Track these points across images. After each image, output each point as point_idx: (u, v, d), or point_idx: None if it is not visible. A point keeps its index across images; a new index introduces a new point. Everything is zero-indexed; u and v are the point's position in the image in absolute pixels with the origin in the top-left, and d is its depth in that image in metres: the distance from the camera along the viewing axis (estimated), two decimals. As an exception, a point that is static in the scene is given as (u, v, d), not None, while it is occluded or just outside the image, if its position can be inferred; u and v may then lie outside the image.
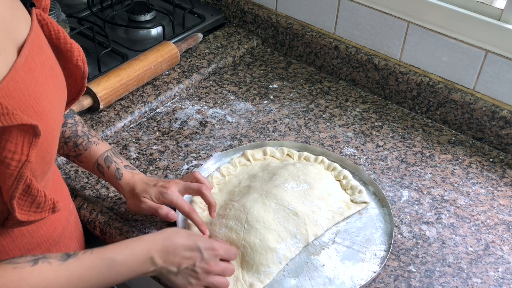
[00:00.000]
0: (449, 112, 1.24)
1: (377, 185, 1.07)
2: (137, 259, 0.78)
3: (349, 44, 1.36)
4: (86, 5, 1.52)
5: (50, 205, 0.70)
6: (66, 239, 0.88)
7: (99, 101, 1.19)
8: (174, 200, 0.94)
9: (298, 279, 0.92)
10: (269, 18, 1.45)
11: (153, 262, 0.79)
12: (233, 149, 1.15)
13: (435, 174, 1.13)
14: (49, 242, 0.82)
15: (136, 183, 0.96)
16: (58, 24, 0.70)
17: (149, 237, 0.82)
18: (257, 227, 0.95)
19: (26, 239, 0.77)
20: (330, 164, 1.11)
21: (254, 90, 1.34)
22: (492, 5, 1.14)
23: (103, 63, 1.32)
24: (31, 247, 0.79)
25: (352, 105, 1.31)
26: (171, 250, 0.81)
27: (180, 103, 1.29)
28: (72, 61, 0.72)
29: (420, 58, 1.26)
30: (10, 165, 0.60)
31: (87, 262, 0.74)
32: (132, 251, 0.78)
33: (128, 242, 0.79)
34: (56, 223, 0.83)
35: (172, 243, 0.82)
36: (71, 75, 0.74)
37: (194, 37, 1.42)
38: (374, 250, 0.97)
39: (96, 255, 0.75)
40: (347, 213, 1.03)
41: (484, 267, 0.96)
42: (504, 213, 1.06)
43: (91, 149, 0.96)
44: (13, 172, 0.61)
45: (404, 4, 1.23)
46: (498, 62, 1.15)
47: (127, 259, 0.77)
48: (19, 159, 0.60)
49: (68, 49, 0.71)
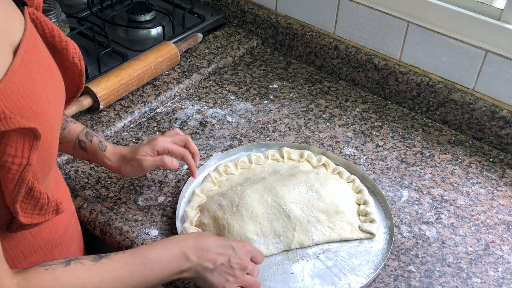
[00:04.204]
0: (449, 112, 1.24)
1: (391, 215, 1.02)
2: (170, 255, 0.79)
3: (349, 44, 1.36)
4: (86, 5, 1.52)
5: (53, 207, 0.69)
6: (67, 240, 0.88)
7: (99, 101, 1.19)
8: (168, 146, 0.97)
9: (261, 276, 0.91)
10: (269, 18, 1.45)
11: (188, 259, 0.80)
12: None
13: (435, 174, 1.14)
14: (51, 244, 0.82)
15: (122, 150, 0.98)
16: (51, 22, 0.69)
17: (179, 236, 0.84)
18: (242, 214, 0.96)
19: (28, 241, 0.77)
20: (359, 186, 1.07)
21: (254, 90, 1.34)
22: (492, 5, 1.14)
23: (103, 63, 1.32)
24: (33, 250, 0.79)
25: (352, 105, 1.31)
26: (204, 246, 0.82)
27: (180, 103, 1.29)
28: (69, 58, 0.72)
29: (420, 58, 1.26)
30: (11, 169, 0.60)
31: (120, 261, 0.75)
32: (163, 248, 0.79)
33: (159, 241, 0.81)
34: (58, 225, 0.83)
35: (203, 240, 0.83)
36: (68, 73, 0.73)
37: (194, 37, 1.42)
38: (351, 280, 0.92)
39: (128, 254, 0.76)
40: (347, 236, 0.98)
41: (484, 267, 0.96)
42: (504, 213, 1.06)
43: (69, 127, 0.96)
44: (15, 176, 0.60)
45: (404, 4, 1.23)
46: (498, 62, 1.15)
47: (159, 255, 0.78)
48: (20, 162, 0.60)
49: (63, 47, 0.70)
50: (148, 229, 0.99)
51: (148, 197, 1.06)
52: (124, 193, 1.06)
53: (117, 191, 1.06)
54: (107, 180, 1.09)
